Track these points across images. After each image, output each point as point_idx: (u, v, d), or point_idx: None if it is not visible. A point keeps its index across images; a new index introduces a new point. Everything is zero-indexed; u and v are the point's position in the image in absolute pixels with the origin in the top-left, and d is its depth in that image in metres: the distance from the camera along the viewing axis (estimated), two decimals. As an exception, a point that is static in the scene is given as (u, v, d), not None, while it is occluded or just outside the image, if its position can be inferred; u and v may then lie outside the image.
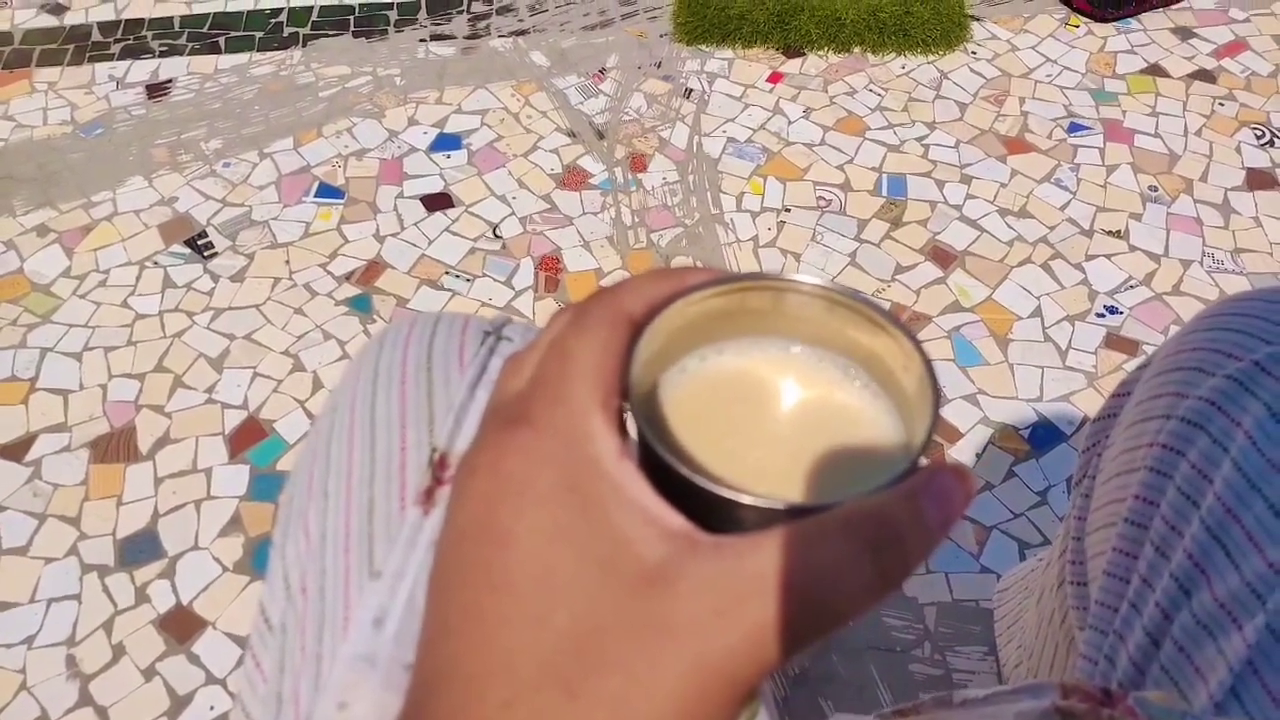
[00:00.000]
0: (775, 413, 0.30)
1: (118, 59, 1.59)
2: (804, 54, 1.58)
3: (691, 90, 1.52)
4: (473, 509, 0.26)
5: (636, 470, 0.26)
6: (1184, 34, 1.61)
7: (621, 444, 0.26)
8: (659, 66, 1.56)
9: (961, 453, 1.11)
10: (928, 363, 0.28)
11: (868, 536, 0.24)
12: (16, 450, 1.13)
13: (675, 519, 0.25)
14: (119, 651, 0.99)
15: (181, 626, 1.01)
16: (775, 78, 1.54)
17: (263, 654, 0.45)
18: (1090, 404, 1.15)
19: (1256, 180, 1.39)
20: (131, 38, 1.62)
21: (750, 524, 0.25)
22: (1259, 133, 1.45)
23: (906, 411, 0.29)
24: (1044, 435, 1.13)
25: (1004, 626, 0.83)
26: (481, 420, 0.28)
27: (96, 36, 1.62)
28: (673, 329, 0.29)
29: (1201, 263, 1.29)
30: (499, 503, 0.25)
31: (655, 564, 0.24)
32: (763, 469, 0.28)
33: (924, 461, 0.27)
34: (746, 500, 0.25)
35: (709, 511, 0.26)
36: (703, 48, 1.59)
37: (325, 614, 0.42)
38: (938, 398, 0.27)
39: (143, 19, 1.65)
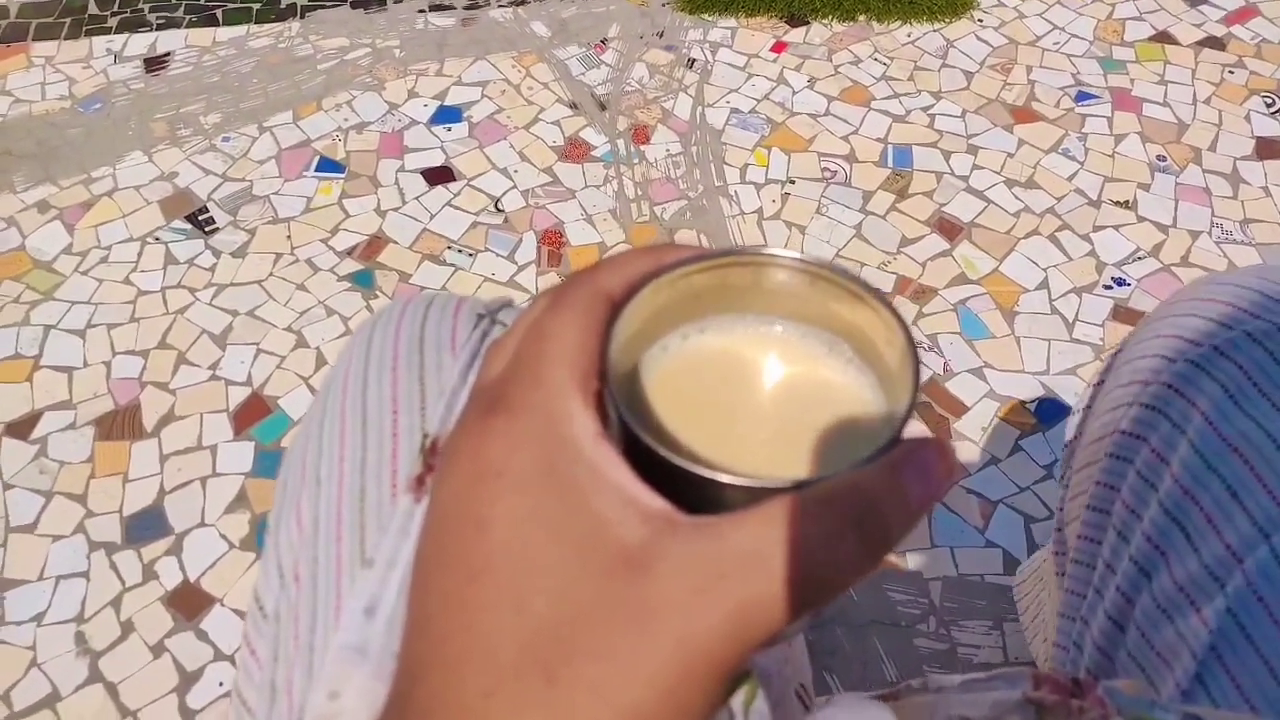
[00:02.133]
0: (758, 390, 0.30)
1: (115, 32, 1.57)
2: (808, 23, 1.56)
3: (694, 60, 1.51)
4: (452, 495, 0.26)
5: (615, 452, 0.26)
6: (1193, 0, 1.58)
7: (600, 426, 0.26)
8: (661, 36, 1.55)
9: (967, 426, 1.11)
10: (909, 336, 0.27)
11: (849, 511, 0.24)
12: (22, 428, 1.13)
13: (654, 500, 0.25)
14: (128, 628, 1.00)
15: (189, 603, 1.02)
16: (779, 47, 1.52)
17: (257, 641, 0.45)
18: (1096, 377, 1.15)
19: (1266, 149, 1.37)
20: (128, 10, 1.61)
21: (731, 504, 0.25)
22: (1269, 101, 1.43)
23: (890, 385, 0.29)
24: (1050, 409, 1.13)
25: (1029, 620, 0.83)
26: (465, 405, 0.28)
27: (93, 9, 1.61)
28: (652, 307, 0.29)
29: (1210, 233, 1.28)
30: (477, 488, 0.25)
31: (634, 546, 0.24)
32: (745, 447, 0.28)
33: (910, 432, 0.27)
34: (725, 479, 0.25)
35: (690, 492, 0.25)
36: (705, 17, 1.57)
37: (318, 602, 0.42)
38: (918, 371, 0.27)
39: (140, -9, 1.64)
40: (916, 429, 0.26)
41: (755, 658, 0.24)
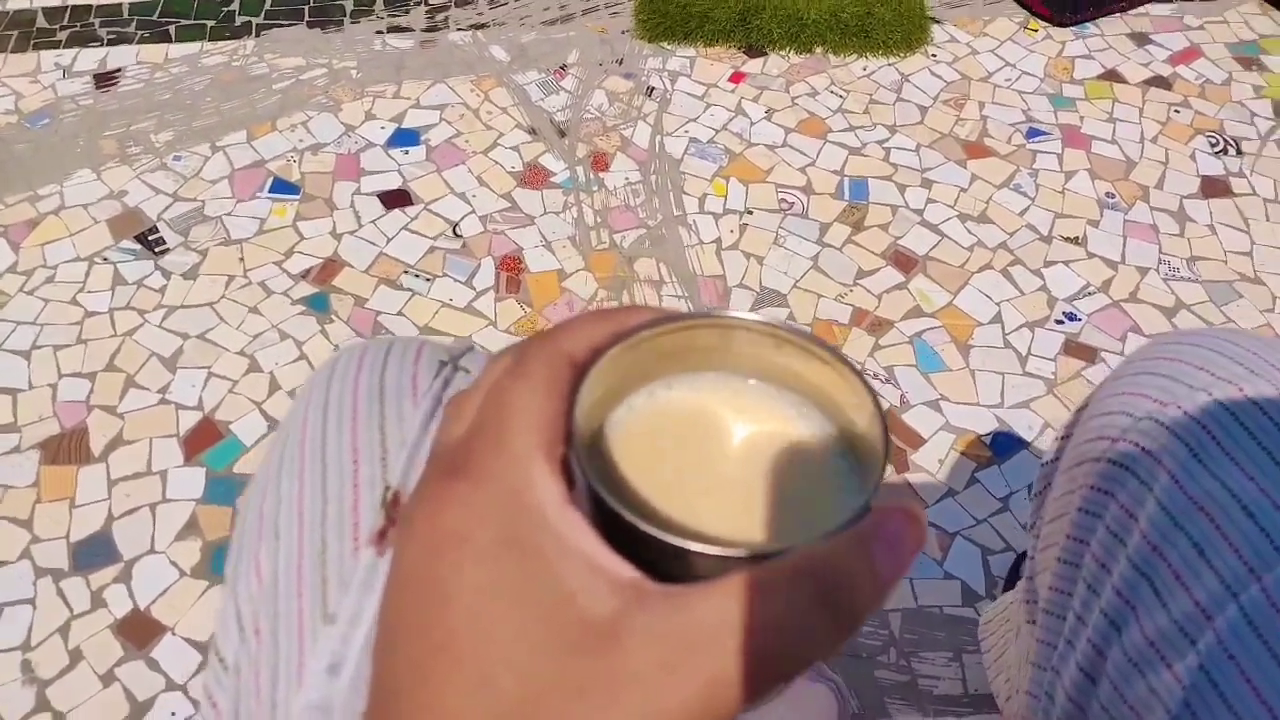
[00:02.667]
0: (727, 452, 0.29)
1: (64, 46, 1.54)
2: (766, 53, 1.58)
3: (653, 89, 1.51)
4: (412, 564, 0.25)
5: (582, 519, 0.25)
6: (1140, 40, 1.63)
7: (565, 492, 0.26)
8: (620, 64, 1.55)
9: (924, 458, 1.12)
10: (877, 402, 0.28)
11: (819, 586, 0.24)
12: (-40, 453, 1.10)
13: (623, 568, 0.25)
14: (76, 656, 0.97)
15: (140, 631, 0.99)
16: (737, 77, 1.54)
17: (218, 693, 0.44)
18: (1050, 410, 1.17)
19: (1211, 188, 1.41)
20: (79, 24, 1.57)
21: (702, 571, 0.25)
22: (1213, 140, 1.47)
23: (859, 450, 0.29)
24: (1005, 442, 1.14)
25: (991, 659, 0.84)
26: (425, 469, 0.28)
27: (41, 23, 1.57)
28: (618, 370, 0.29)
29: (1158, 270, 1.31)
30: (438, 559, 0.25)
31: (601, 618, 0.23)
32: (714, 513, 0.28)
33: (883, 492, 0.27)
34: (695, 549, 0.24)
35: (659, 559, 0.25)
36: (664, 45, 1.58)
37: (279, 659, 0.41)
38: (888, 437, 0.27)
39: (90, 5, 1.61)
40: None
41: None
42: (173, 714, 0.94)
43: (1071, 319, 1.26)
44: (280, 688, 0.40)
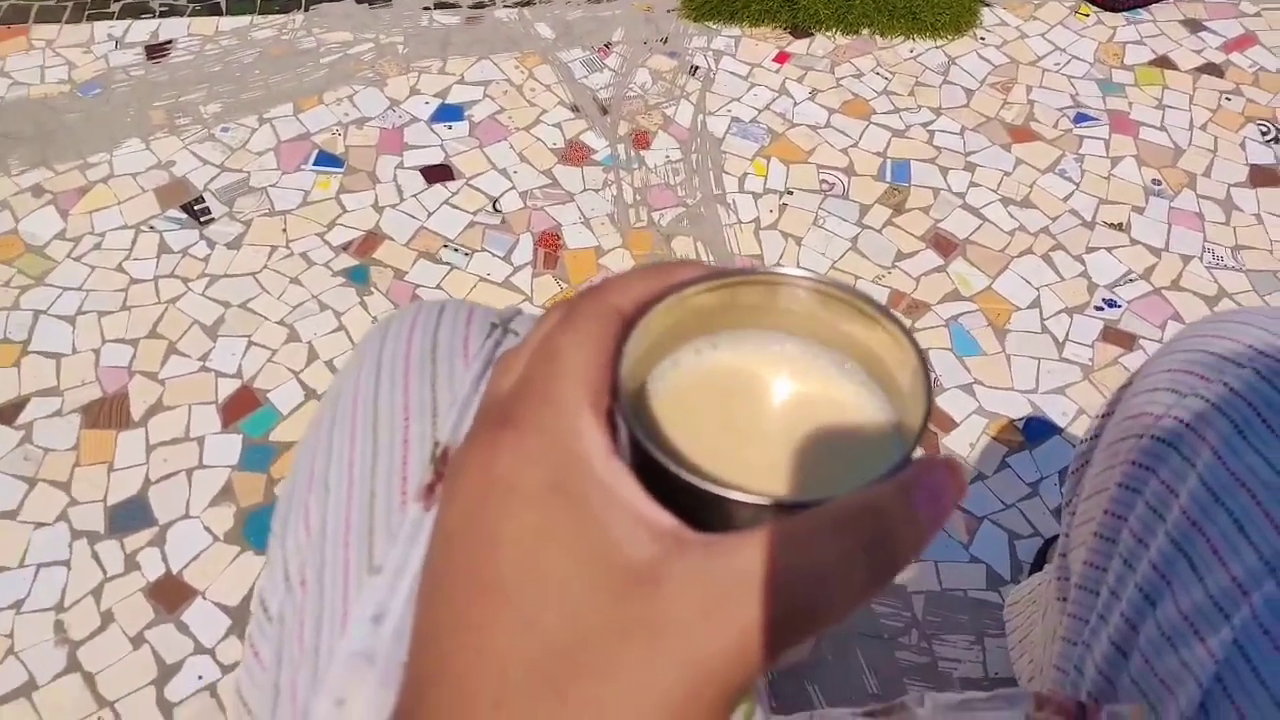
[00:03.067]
0: (769, 408, 0.30)
1: (117, 18, 1.57)
2: (812, 34, 1.56)
3: (697, 68, 1.51)
4: (461, 510, 0.26)
5: (626, 469, 0.26)
6: (1194, 26, 1.59)
7: (610, 443, 0.26)
8: (665, 42, 1.55)
9: (955, 442, 1.11)
10: (922, 358, 0.28)
11: (859, 533, 0.24)
12: (8, 414, 1.13)
13: (664, 518, 0.25)
14: (107, 618, 0.99)
15: (171, 595, 1.01)
16: (782, 58, 1.53)
17: (261, 643, 0.45)
18: (1085, 397, 1.15)
19: (1260, 177, 1.38)
20: (131, -4, 1.60)
21: (742, 521, 0.25)
22: (1264, 129, 1.44)
23: (901, 406, 0.29)
24: (1038, 427, 1.13)
25: (1015, 641, 0.83)
26: (474, 420, 0.28)
27: (95, -6, 1.60)
28: (664, 325, 0.29)
29: (1201, 258, 1.29)
30: (487, 503, 0.25)
31: (643, 564, 0.24)
32: (755, 465, 0.28)
33: (919, 453, 0.27)
34: (735, 496, 0.25)
35: (700, 509, 0.25)
36: (710, 24, 1.57)
37: (324, 608, 0.42)
38: (931, 393, 0.27)
39: (143, -23, 1.63)
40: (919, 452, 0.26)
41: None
42: (200, 677, 0.96)
43: (1111, 305, 1.24)
44: (324, 635, 0.41)
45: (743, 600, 0.23)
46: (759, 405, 0.30)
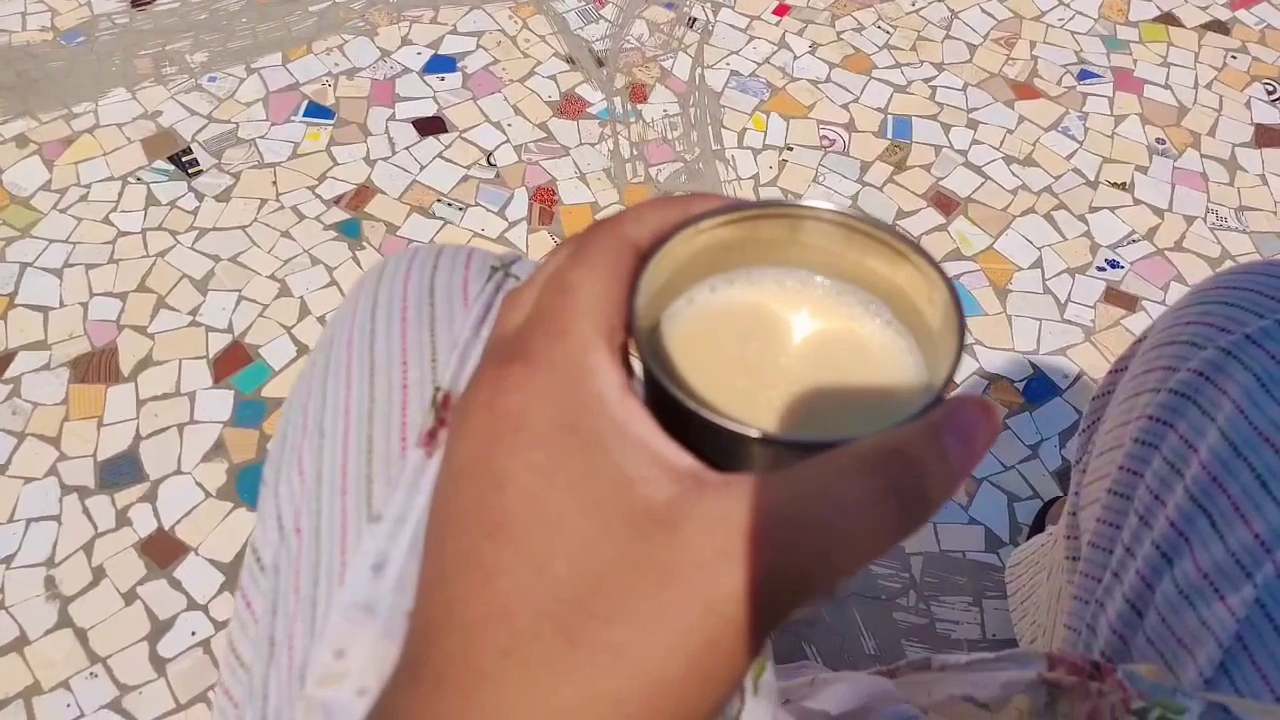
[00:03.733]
0: (790, 347, 0.29)
1: (100, -37, 1.53)
2: (812, -13, 1.53)
3: (695, 20, 1.48)
4: (468, 449, 0.24)
5: (642, 407, 0.25)
6: (1200, -18, 1.57)
7: (625, 380, 0.25)
8: (662, -6, 1.52)
9: (956, 403, 1.10)
10: (954, 292, 0.26)
11: (888, 473, 0.23)
12: (-6, 367, 1.11)
13: (683, 458, 0.24)
14: (99, 574, 0.98)
15: (163, 551, 1.00)
16: (782, 10, 1.50)
17: (254, 594, 0.44)
18: (1087, 359, 1.15)
19: (1265, 137, 1.37)
20: (115, -59, 1.56)
21: (762, 462, 0.24)
22: (1270, 88, 1.42)
23: (930, 349, 0.28)
24: (1039, 388, 1.12)
25: (1017, 603, 0.83)
26: (482, 356, 0.27)
27: (78, -62, 1.56)
28: (680, 259, 0.28)
29: (1205, 219, 1.28)
30: (495, 442, 0.24)
31: (660, 504, 0.23)
32: (776, 405, 0.27)
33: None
34: (756, 434, 0.24)
35: (719, 449, 0.24)
36: (708, -24, 1.54)
37: (321, 557, 0.41)
38: (963, 329, 0.26)
39: (127, -78, 1.59)
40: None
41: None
42: (193, 633, 0.96)
43: (1114, 266, 1.23)
44: (321, 586, 0.40)
45: (766, 542, 0.22)
46: (780, 344, 0.29)
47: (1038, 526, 1.00)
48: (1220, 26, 1.51)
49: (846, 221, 0.28)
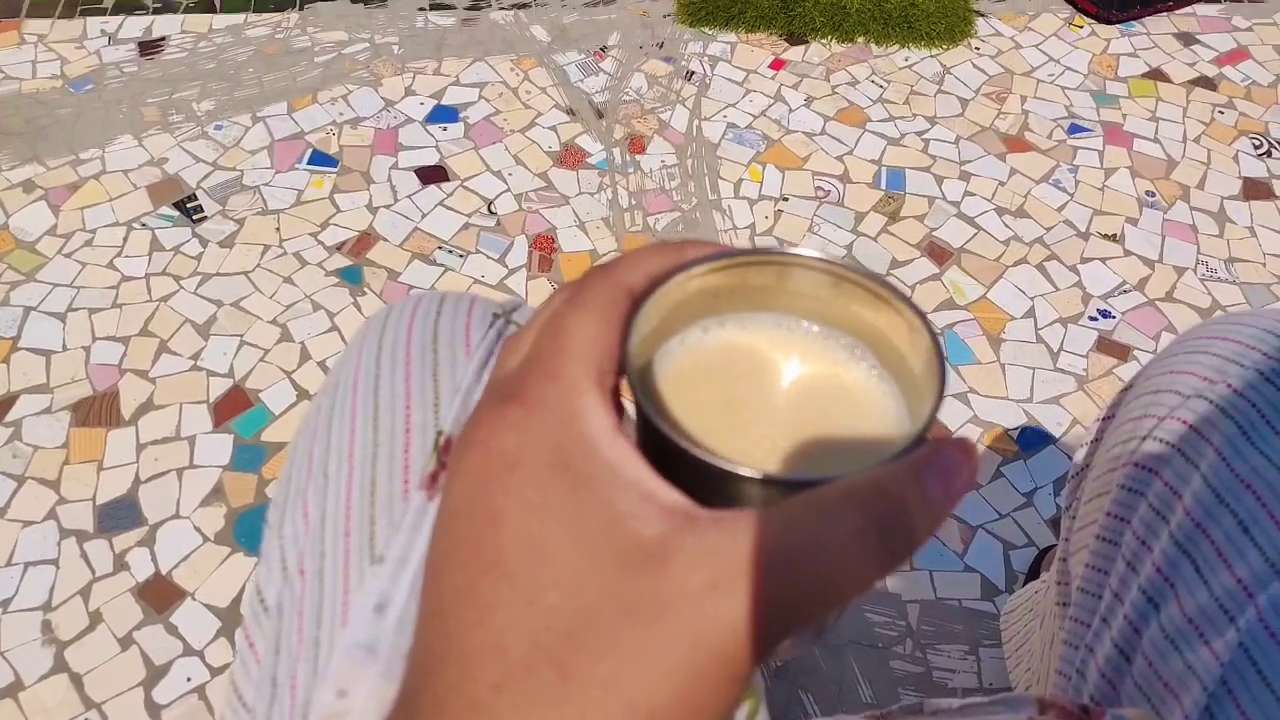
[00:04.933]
0: (778, 388, 0.30)
1: (110, 13, 1.56)
2: (807, 42, 1.56)
3: (693, 73, 1.51)
4: (465, 487, 0.25)
5: (632, 447, 0.25)
6: (1187, 39, 1.60)
7: (616, 421, 0.26)
8: (661, 47, 1.55)
9: (950, 451, 1.11)
10: (935, 340, 0.27)
11: (871, 510, 0.23)
12: (-4, 410, 1.12)
13: (672, 495, 0.25)
14: (96, 619, 0.98)
15: (160, 596, 1.00)
16: (778, 64, 1.53)
17: (257, 635, 0.44)
18: (1080, 407, 1.16)
19: (1253, 190, 1.39)
20: (125, -7, 1.59)
21: (750, 500, 0.25)
22: (1257, 142, 1.45)
23: (912, 392, 0.29)
24: (1033, 437, 1.13)
25: (1012, 649, 0.83)
26: (481, 397, 0.28)
27: (89, -10, 1.59)
28: (673, 302, 0.29)
29: (1195, 270, 1.29)
30: (490, 480, 0.25)
31: (651, 540, 0.23)
32: (763, 444, 0.28)
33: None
34: (745, 473, 0.24)
35: (708, 487, 0.25)
36: (706, 30, 1.57)
37: (324, 597, 0.41)
38: (944, 375, 0.27)
39: (137, -26, 1.62)
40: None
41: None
42: (189, 679, 0.95)
43: (1105, 316, 1.24)
44: (324, 626, 0.41)
45: (752, 575, 0.23)
46: (768, 386, 0.30)
47: (1033, 574, 1.00)
48: (1207, 82, 1.54)
49: (833, 269, 0.29)
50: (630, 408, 0.27)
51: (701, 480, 0.25)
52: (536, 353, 0.27)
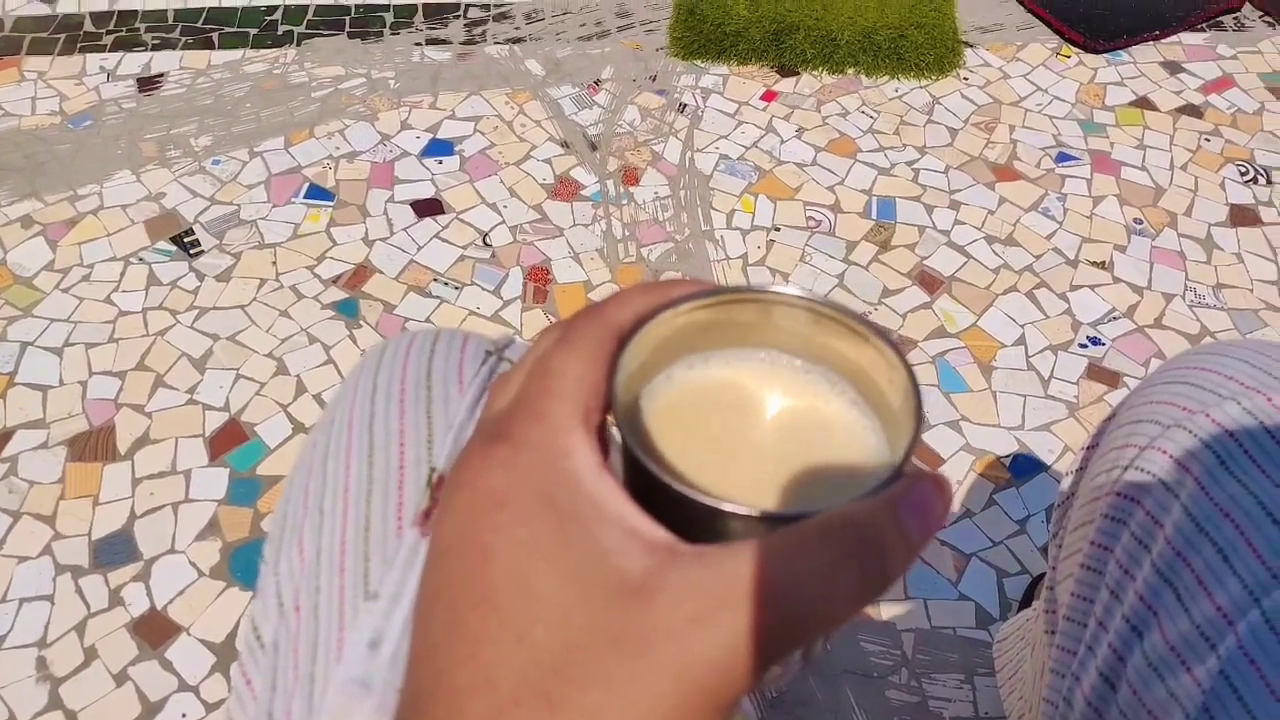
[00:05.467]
0: (760, 423, 0.30)
1: (109, 50, 1.57)
2: (798, 73, 1.58)
3: (685, 105, 1.53)
4: (455, 525, 0.26)
5: (616, 485, 0.26)
6: (1173, 68, 1.62)
7: (601, 459, 0.27)
8: (654, 80, 1.57)
9: (943, 479, 1.12)
10: (912, 376, 0.28)
11: (848, 543, 0.24)
12: (-7, 445, 1.12)
13: (656, 530, 0.25)
14: (91, 655, 0.98)
15: (155, 631, 1.00)
16: (769, 96, 1.55)
17: (253, 671, 0.45)
18: (1071, 434, 1.16)
19: (1239, 217, 1.40)
20: (124, 29, 1.61)
21: (733, 534, 0.25)
22: (1243, 169, 1.46)
23: (891, 426, 0.29)
24: (1025, 464, 1.14)
25: (1005, 678, 0.83)
26: (470, 437, 0.29)
27: (89, 26, 1.61)
28: (658, 340, 0.29)
29: (1184, 297, 1.30)
30: (479, 518, 0.26)
31: (636, 575, 0.24)
32: (746, 479, 0.28)
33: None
34: (727, 508, 0.25)
35: (692, 522, 0.26)
36: (698, 63, 1.59)
37: (319, 633, 0.42)
38: (920, 411, 0.28)
39: (136, 10, 1.64)
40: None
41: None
42: (184, 715, 0.95)
43: (1095, 343, 1.25)
44: (319, 662, 0.41)
45: (734, 608, 0.23)
46: (751, 420, 0.30)
47: (1026, 602, 1.00)
48: (1194, 110, 1.55)
49: (813, 306, 0.30)
50: (619, 441, 0.28)
51: (687, 515, 0.26)
52: (524, 393, 0.28)
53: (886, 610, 1.03)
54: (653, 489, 0.26)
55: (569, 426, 0.26)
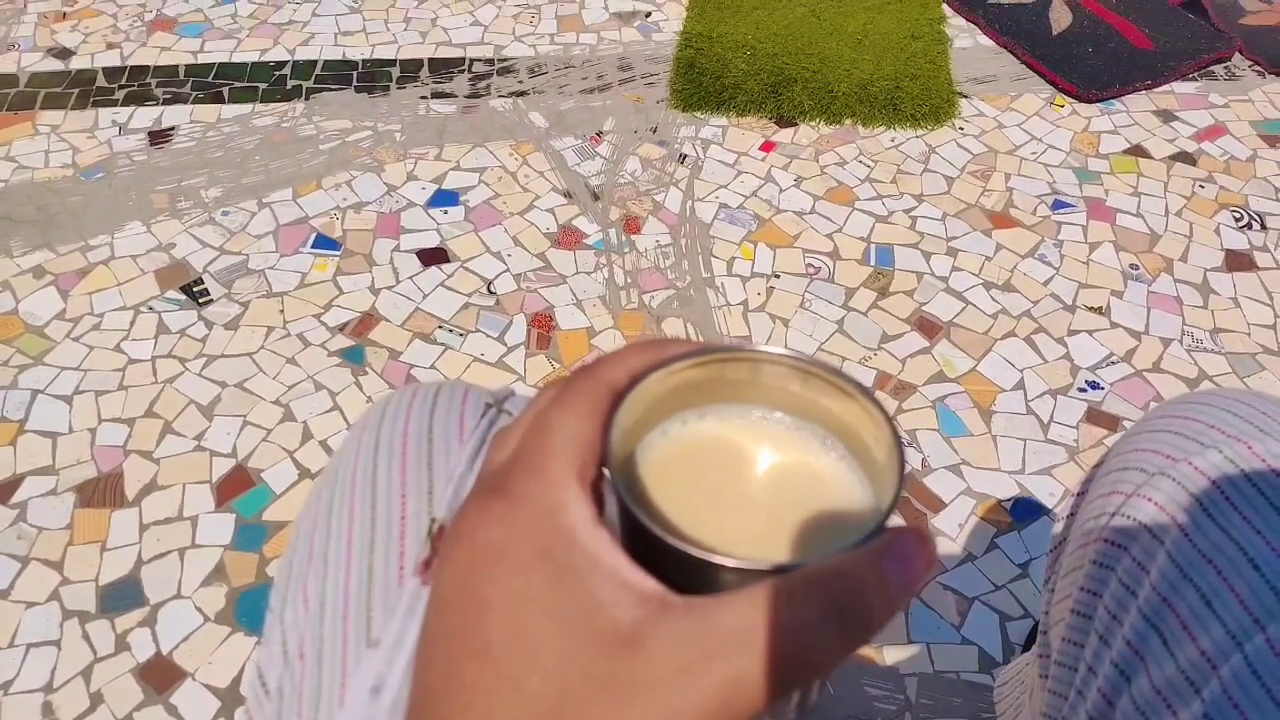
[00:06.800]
0: (752, 478, 0.31)
1: (121, 105, 1.61)
2: (796, 124, 1.61)
3: (686, 156, 1.55)
4: (454, 576, 0.27)
5: (610, 538, 0.27)
6: (1166, 116, 1.65)
7: (596, 514, 0.28)
8: (655, 131, 1.60)
9: (944, 523, 1.13)
10: (895, 433, 0.29)
11: (831, 596, 0.25)
12: (2, 492, 1.13)
13: (647, 582, 0.26)
14: (97, 700, 0.99)
15: (161, 676, 1.01)
16: (768, 146, 1.57)
17: (258, 717, 0.46)
18: (1071, 478, 1.17)
19: (1235, 262, 1.42)
20: (136, 84, 1.64)
21: (725, 586, 0.26)
22: (1237, 215, 1.48)
23: (878, 480, 0.30)
24: (1026, 508, 1.14)
25: None
26: (470, 491, 0.30)
27: (101, 82, 1.64)
28: (652, 398, 0.31)
29: (1181, 341, 1.32)
30: (478, 571, 0.27)
31: (628, 625, 0.25)
32: (737, 532, 0.29)
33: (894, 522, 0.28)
34: (719, 561, 0.26)
35: (685, 574, 0.27)
36: (698, 115, 1.62)
37: (322, 680, 0.43)
38: (903, 466, 0.29)
39: (147, 66, 1.68)
40: (895, 523, 0.28)
41: None
42: (193, 756, 0.96)
43: (1094, 388, 1.26)
44: (322, 708, 0.42)
45: (721, 657, 0.24)
46: (742, 475, 0.31)
47: (1029, 646, 1.01)
48: (1187, 158, 1.58)
49: (801, 365, 0.31)
50: (613, 496, 0.29)
51: (680, 567, 0.27)
52: (522, 449, 0.29)
53: (889, 654, 1.03)
54: (647, 542, 0.27)
55: (565, 482, 0.27)
